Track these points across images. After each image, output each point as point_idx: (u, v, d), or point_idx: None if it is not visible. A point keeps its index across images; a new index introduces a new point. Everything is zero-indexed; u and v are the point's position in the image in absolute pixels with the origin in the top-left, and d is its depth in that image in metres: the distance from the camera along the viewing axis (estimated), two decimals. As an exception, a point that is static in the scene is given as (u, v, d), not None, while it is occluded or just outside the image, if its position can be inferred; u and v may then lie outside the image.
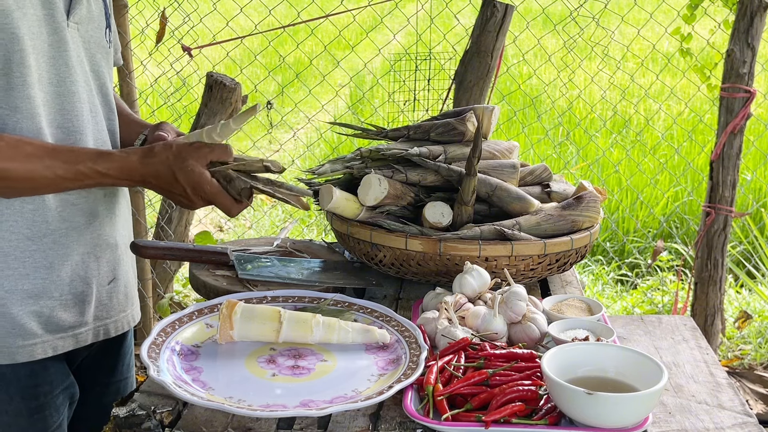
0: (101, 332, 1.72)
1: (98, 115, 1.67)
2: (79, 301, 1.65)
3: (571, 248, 1.81)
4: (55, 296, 1.61)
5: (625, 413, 1.26)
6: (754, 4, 3.31)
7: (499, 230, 1.76)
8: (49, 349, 1.62)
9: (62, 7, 1.58)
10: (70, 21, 1.59)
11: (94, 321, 1.70)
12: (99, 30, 1.67)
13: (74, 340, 1.66)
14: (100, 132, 1.67)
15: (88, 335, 1.69)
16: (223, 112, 3.46)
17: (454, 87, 3.34)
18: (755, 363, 3.79)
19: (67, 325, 1.64)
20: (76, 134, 1.60)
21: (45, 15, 1.54)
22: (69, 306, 1.63)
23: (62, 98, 1.58)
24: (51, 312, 1.61)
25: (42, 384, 1.63)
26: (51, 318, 1.61)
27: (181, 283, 4.31)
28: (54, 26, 1.56)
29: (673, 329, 1.73)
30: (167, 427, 1.31)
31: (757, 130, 5.83)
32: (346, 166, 1.94)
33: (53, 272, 1.60)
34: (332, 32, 7.46)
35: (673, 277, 4.45)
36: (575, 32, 4.19)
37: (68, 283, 1.63)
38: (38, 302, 1.59)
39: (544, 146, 5.76)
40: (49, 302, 1.60)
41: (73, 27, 1.60)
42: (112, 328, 1.75)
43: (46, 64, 1.55)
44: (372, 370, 1.43)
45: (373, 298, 1.78)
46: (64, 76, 1.58)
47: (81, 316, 1.66)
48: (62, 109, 1.58)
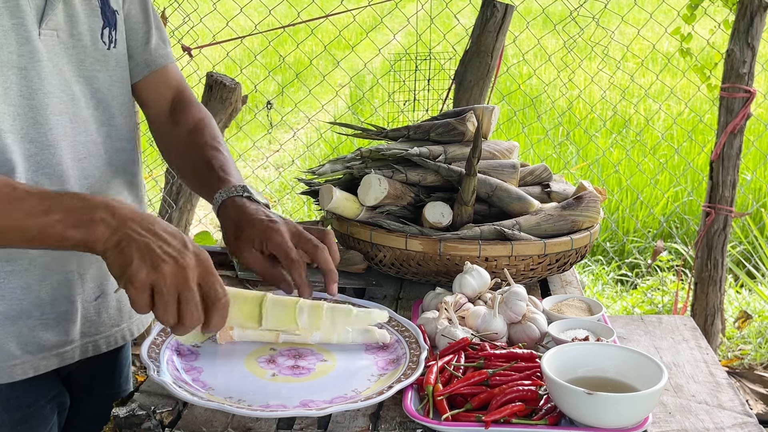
0: (90, 348, 1.62)
1: (84, 124, 1.55)
2: (62, 320, 1.54)
3: (571, 248, 1.81)
4: (35, 316, 1.50)
5: (625, 413, 1.26)
6: (754, 4, 3.31)
7: (499, 230, 1.76)
8: (30, 369, 1.51)
9: (33, 15, 1.46)
10: (44, 29, 1.47)
11: (81, 338, 1.58)
12: (91, 32, 1.57)
13: (59, 358, 1.55)
14: (82, 144, 1.54)
15: (75, 352, 1.58)
16: (223, 112, 3.46)
17: (454, 87, 3.34)
18: (755, 363, 3.79)
19: (50, 345, 1.53)
20: (51, 148, 1.49)
21: (13, 25, 1.43)
22: (51, 326, 1.52)
23: (35, 111, 1.47)
24: (31, 332, 1.50)
25: (25, 396, 1.54)
26: (31, 338, 1.49)
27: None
28: (24, 36, 1.45)
29: (673, 329, 1.73)
30: (167, 427, 1.31)
31: (757, 130, 5.83)
32: (346, 166, 1.94)
33: (31, 293, 1.49)
34: (332, 32, 7.46)
35: (673, 277, 4.45)
36: (575, 32, 4.20)
37: (50, 303, 1.51)
38: (16, 323, 1.48)
39: (544, 146, 5.76)
40: (29, 322, 1.49)
41: (50, 34, 1.49)
42: (103, 344, 1.65)
43: (15, 76, 1.44)
44: (372, 370, 1.43)
45: (373, 298, 1.78)
46: (36, 88, 1.47)
47: (65, 335, 1.55)
48: (35, 123, 1.47)
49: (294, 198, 5.55)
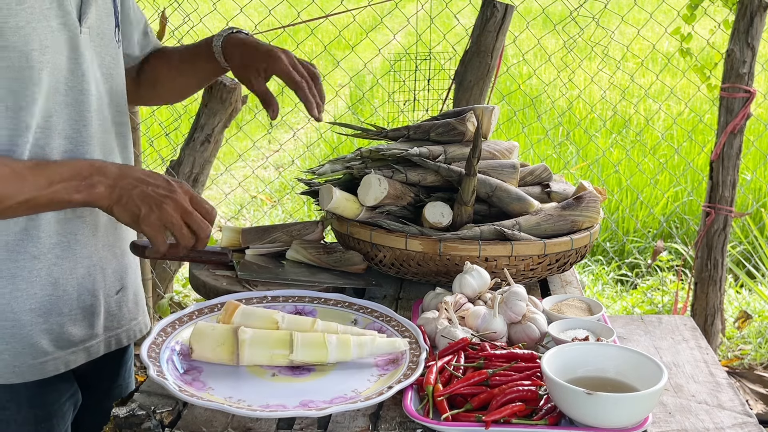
0: (113, 342, 1.70)
1: (106, 121, 1.63)
2: (88, 314, 1.62)
3: (571, 248, 1.81)
4: (64, 312, 1.58)
5: (625, 413, 1.26)
6: (754, 4, 3.31)
7: (499, 230, 1.76)
8: (61, 365, 1.59)
9: (75, 14, 1.52)
10: (83, 27, 1.54)
11: (104, 332, 1.67)
12: (109, 31, 1.63)
13: (86, 353, 1.64)
14: (106, 141, 1.63)
15: (100, 347, 1.67)
16: (223, 112, 3.46)
17: (454, 87, 3.34)
18: (755, 363, 3.79)
19: (78, 340, 1.61)
20: (84, 145, 1.56)
21: (59, 25, 1.49)
22: (78, 320, 1.60)
23: (73, 108, 1.54)
24: (61, 328, 1.57)
25: (51, 393, 1.61)
26: (62, 334, 1.58)
27: (181, 283, 4.31)
28: (70, 35, 1.51)
29: (673, 329, 1.73)
30: (167, 427, 1.31)
31: (757, 130, 5.83)
32: (346, 166, 1.94)
33: (59, 288, 1.56)
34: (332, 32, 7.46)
35: (673, 277, 4.45)
36: (575, 32, 4.20)
37: (76, 298, 1.59)
38: (48, 320, 1.55)
39: (544, 146, 5.76)
40: (59, 318, 1.57)
41: (86, 32, 1.55)
42: (124, 338, 1.73)
43: (64, 77, 1.50)
44: (372, 370, 1.43)
45: (373, 298, 1.78)
46: (79, 87, 1.54)
47: (91, 329, 1.64)
48: (73, 121, 1.54)
49: (294, 198, 5.55)
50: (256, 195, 5.58)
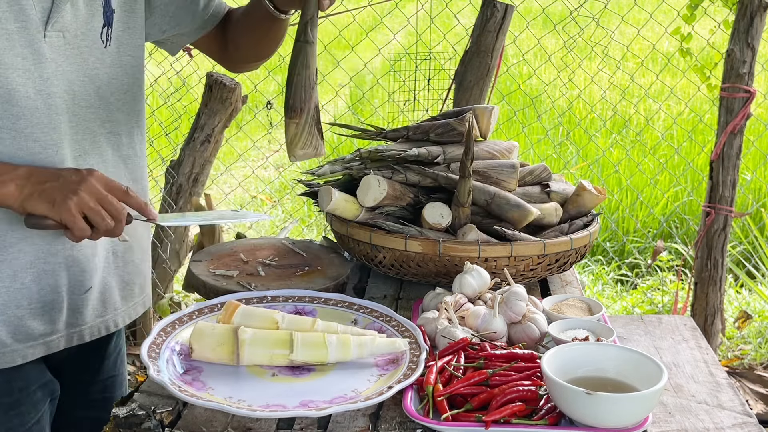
0: (74, 338, 1.69)
1: (84, 123, 1.61)
2: (48, 309, 1.61)
3: (571, 248, 1.81)
4: (23, 305, 1.58)
5: (625, 413, 1.26)
6: (754, 4, 3.31)
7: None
8: (18, 357, 1.59)
9: (38, 17, 1.52)
10: (50, 30, 1.53)
11: (66, 328, 1.66)
12: (93, 32, 1.62)
13: (45, 347, 1.63)
14: (82, 142, 1.61)
15: (60, 342, 1.66)
16: (223, 112, 3.46)
17: (454, 87, 3.34)
18: (755, 363, 3.79)
19: (37, 334, 1.61)
20: (53, 147, 1.56)
21: (17, 28, 1.49)
22: (38, 315, 1.60)
23: (38, 112, 1.53)
24: (20, 321, 1.58)
25: (16, 381, 1.61)
26: (20, 327, 1.58)
27: (180, 283, 4.31)
28: (28, 39, 1.51)
29: (673, 329, 1.73)
30: (167, 427, 1.31)
31: (757, 130, 5.83)
32: (345, 167, 1.94)
33: (17, 281, 1.57)
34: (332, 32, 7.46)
35: (673, 277, 4.45)
36: (575, 32, 4.19)
37: (36, 292, 1.59)
38: (5, 312, 1.56)
39: (544, 146, 5.76)
40: (18, 311, 1.57)
41: (56, 36, 1.54)
42: (87, 334, 1.71)
43: (20, 78, 1.51)
44: (372, 370, 1.43)
45: (373, 298, 1.79)
46: (40, 89, 1.53)
47: (52, 324, 1.63)
48: (39, 123, 1.54)
49: (294, 198, 5.55)
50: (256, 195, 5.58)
